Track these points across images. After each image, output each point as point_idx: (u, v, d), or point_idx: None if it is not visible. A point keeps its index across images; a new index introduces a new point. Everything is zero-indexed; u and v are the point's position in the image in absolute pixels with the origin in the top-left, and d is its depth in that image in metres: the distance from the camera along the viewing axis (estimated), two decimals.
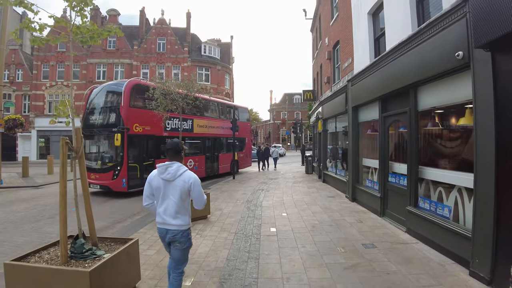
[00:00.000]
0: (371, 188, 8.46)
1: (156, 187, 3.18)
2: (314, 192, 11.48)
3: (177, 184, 3.12)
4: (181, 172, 3.16)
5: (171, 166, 3.17)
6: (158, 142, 12.52)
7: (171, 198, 3.13)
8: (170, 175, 3.13)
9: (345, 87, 10.40)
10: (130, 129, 11.14)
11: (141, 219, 8.01)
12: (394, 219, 7.05)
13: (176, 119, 13.00)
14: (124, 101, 11.20)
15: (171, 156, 3.27)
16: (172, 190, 3.13)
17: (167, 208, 3.14)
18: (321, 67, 15.52)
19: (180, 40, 36.07)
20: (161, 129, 12.49)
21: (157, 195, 3.20)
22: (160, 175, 3.16)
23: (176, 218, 3.14)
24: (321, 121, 14.35)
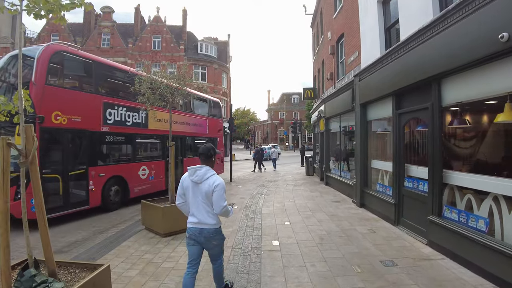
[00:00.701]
0: (383, 193, 7.66)
1: (186, 187, 3.37)
2: (318, 196, 10.66)
3: (202, 187, 3.26)
4: (208, 176, 3.28)
5: (200, 169, 3.31)
6: (94, 141, 8.61)
7: (200, 200, 3.28)
8: (197, 178, 3.28)
9: (351, 83, 9.60)
10: (45, 119, 7.22)
11: (127, 229, 7.18)
12: (411, 228, 6.25)
13: (121, 108, 9.39)
14: (37, 75, 7.19)
15: (203, 160, 3.41)
16: (199, 192, 3.28)
17: (199, 208, 3.29)
18: (322, 63, 14.74)
19: (176, 38, 35.22)
20: (97, 122, 8.66)
21: (187, 195, 3.38)
22: (190, 177, 3.33)
23: (209, 217, 3.29)
24: (323, 120, 13.55)
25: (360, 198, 8.74)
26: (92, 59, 8.86)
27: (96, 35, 34.90)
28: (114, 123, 9.20)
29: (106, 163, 9.21)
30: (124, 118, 9.58)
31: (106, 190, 9.00)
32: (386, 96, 7.28)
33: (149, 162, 10.85)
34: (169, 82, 7.36)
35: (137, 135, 10.22)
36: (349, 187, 10.08)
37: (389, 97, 7.19)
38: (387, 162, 7.70)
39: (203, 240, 3.33)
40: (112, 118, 9.13)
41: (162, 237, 6.27)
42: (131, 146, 10.08)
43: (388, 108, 7.27)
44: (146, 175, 10.54)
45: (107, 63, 9.74)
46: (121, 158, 9.89)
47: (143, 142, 10.86)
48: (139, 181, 10.23)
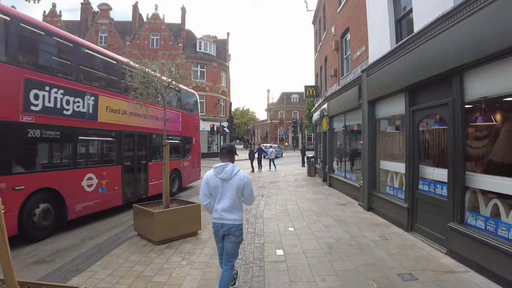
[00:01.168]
0: (393, 196, 7.14)
1: (214, 186, 3.45)
2: (322, 198, 10.14)
3: (233, 183, 3.42)
4: (236, 172, 3.46)
5: (226, 166, 3.45)
6: (6, 137, 5.76)
7: (228, 196, 3.41)
8: (226, 175, 3.41)
9: (357, 79, 9.08)
10: None
11: (119, 234, 6.66)
12: (427, 235, 5.73)
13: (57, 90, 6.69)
14: None
15: (226, 156, 3.57)
16: (229, 188, 3.41)
17: (224, 204, 3.41)
18: (325, 60, 14.21)
19: (175, 36, 34.71)
20: (13, 107, 5.87)
21: (215, 193, 3.47)
22: (218, 175, 3.44)
23: (232, 213, 3.43)
24: (326, 119, 13.03)
25: (368, 201, 8.23)
26: (11, 13, 5.93)
27: (93, 33, 34.35)
28: (43, 111, 6.40)
29: (28, 170, 6.20)
30: (61, 104, 6.81)
31: (28, 210, 6.08)
32: (397, 92, 6.76)
33: (98, 168, 7.94)
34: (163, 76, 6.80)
35: (81, 130, 7.45)
36: (355, 189, 9.57)
37: (401, 93, 6.68)
38: (398, 162, 7.19)
39: (224, 234, 3.46)
40: (39, 104, 6.31)
41: (155, 245, 5.73)
42: (71, 145, 7.29)
43: (400, 105, 6.75)
44: (93, 186, 7.70)
45: (38, 24, 6.74)
46: (55, 163, 7.04)
47: (90, 140, 8.00)
48: (82, 195, 7.39)
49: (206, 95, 34.39)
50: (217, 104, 34.40)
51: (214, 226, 3.53)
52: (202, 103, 34.40)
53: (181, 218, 6.22)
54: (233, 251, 3.50)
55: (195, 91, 34.30)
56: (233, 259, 3.54)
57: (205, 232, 6.51)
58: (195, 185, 13.44)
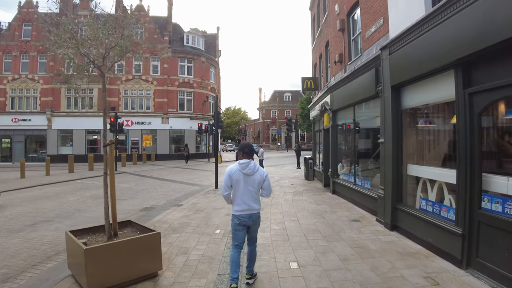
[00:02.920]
0: (434, 214, 5.19)
1: (236, 180, 3.87)
2: (327, 211, 8.17)
3: (255, 178, 3.89)
4: (257, 168, 3.95)
5: (250, 163, 3.90)
6: None
7: (250, 189, 3.87)
8: (250, 170, 3.87)
9: (374, 61, 7.16)
10: None
11: (47, 273, 4.58)
12: (497, 278, 3.80)
13: None
14: None
15: (247, 154, 3.99)
16: (251, 182, 3.88)
17: (248, 197, 3.86)
18: (326, 46, 12.27)
19: (160, 29, 32.43)
20: None
21: (236, 186, 3.87)
22: (242, 170, 3.87)
23: (256, 204, 3.92)
24: (328, 114, 11.09)
25: (392, 217, 6.28)
26: None
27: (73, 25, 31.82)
28: None
29: None
30: None
31: None
32: (442, 69, 4.83)
33: None
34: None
35: None
36: (369, 199, 7.64)
37: (446, 70, 4.75)
38: (436, 168, 5.28)
39: (251, 223, 3.93)
40: None
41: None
42: None
43: (445, 87, 4.83)
44: None
45: None
46: None
47: None
48: None
49: (194, 91, 32.22)
50: (206, 102, 32.26)
51: (240, 218, 3.86)
52: (190, 100, 32.28)
53: (131, 253, 4.16)
54: (256, 235, 4.13)
55: (182, 87, 32.51)
56: (256, 241, 4.12)
57: (169, 272, 4.47)
58: None
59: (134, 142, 30.68)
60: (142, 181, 15.86)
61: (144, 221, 7.59)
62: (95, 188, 13.58)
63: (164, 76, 31.03)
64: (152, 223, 7.31)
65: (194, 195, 11.03)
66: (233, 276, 3.81)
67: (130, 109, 30.82)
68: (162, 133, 30.85)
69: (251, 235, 4.05)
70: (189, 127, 31.18)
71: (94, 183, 15.41)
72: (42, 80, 30.42)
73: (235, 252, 3.91)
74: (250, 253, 4.06)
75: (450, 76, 4.68)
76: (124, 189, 13.13)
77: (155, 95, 30.95)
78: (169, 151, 31.07)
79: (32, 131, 30.52)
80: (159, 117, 30.69)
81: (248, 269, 4.07)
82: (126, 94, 30.88)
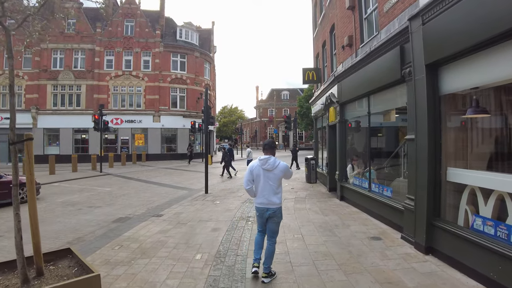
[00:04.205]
0: (498, 239, 3.71)
1: (257, 174, 4.11)
2: (338, 224, 6.67)
3: (275, 173, 4.06)
4: (277, 164, 4.08)
5: (269, 159, 4.09)
6: None
7: (271, 184, 4.05)
8: (269, 166, 4.05)
9: (398, 36, 5.68)
10: None
11: None
12: None
13: None
14: None
15: (267, 150, 4.20)
16: (271, 177, 4.06)
17: (268, 191, 4.04)
18: (331, 30, 10.77)
19: (152, 23, 30.82)
20: None
21: (257, 181, 4.12)
22: (262, 166, 4.08)
23: (274, 198, 4.06)
24: (334, 108, 9.60)
25: (427, 237, 4.80)
26: None
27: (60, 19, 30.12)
28: None
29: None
30: None
31: None
32: (507, 35, 3.34)
33: None
34: None
35: None
36: (391, 211, 6.15)
37: None
38: (495, 174, 3.80)
39: (270, 216, 4.08)
40: None
41: None
42: None
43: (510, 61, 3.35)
44: None
45: None
46: None
47: None
48: None
49: (187, 88, 30.60)
50: (200, 99, 30.67)
51: (259, 210, 4.15)
52: (183, 97, 30.71)
53: None
54: (275, 229, 4.17)
55: (175, 84, 30.84)
56: (275, 235, 4.18)
57: None
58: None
59: (124, 142, 29.04)
60: (126, 184, 14.30)
61: (111, 237, 6.11)
62: (70, 192, 12.03)
63: (156, 71, 29.43)
64: (119, 241, 5.80)
65: (180, 202, 9.50)
66: (256, 256, 4.10)
67: (120, 107, 29.20)
68: (153, 132, 29.23)
69: (270, 228, 4.15)
70: (182, 125, 29.55)
71: (71, 186, 13.85)
72: (27, 76, 28.73)
73: (259, 235, 4.25)
74: (267, 248, 4.09)
75: None
76: (103, 194, 11.60)
77: (146, 92, 29.34)
78: (160, 151, 29.45)
79: (16, 130, 28.56)
80: (150, 115, 29.07)
81: (264, 265, 4.02)
82: (116, 91, 29.26)
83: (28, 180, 3.13)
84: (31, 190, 3.15)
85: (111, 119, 27.91)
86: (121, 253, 5.23)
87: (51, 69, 29.00)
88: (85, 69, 29.16)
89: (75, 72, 28.97)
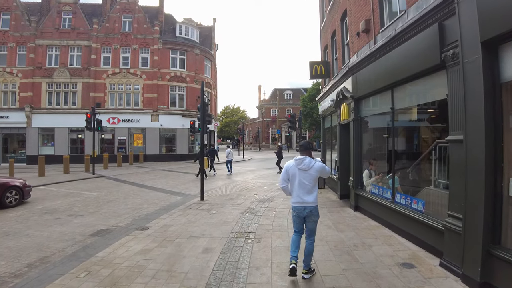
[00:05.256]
0: None
1: (292, 174, 4.24)
2: (356, 243, 5.49)
3: (311, 173, 4.16)
4: (312, 164, 4.19)
5: (305, 159, 4.19)
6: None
7: (306, 183, 4.15)
8: (305, 166, 4.16)
9: (435, 12, 4.51)
10: None
11: None
12: None
13: None
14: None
15: (303, 151, 4.31)
16: (307, 176, 4.16)
17: (303, 190, 4.15)
18: (343, 17, 9.58)
19: (151, 19, 29.74)
20: None
21: (293, 180, 4.25)
22: (298, 166, 4.20)
23: (310, 197, 4.15)
24: (347, 104, 8.42)
25: (482, 270, 3.62)
26: None
27: (55, 14, 29.11)
28: None
29: None
30: None
31: None
32: None
33: None
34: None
35: None
36: (425, 229, 4.97)
37: None
38: None
39: (306, 215, 4.17)
40: None
41: None
42: None
43: None
44: None
45: None
46: None
47: None
48: None
49: (186, 86, 29.45)
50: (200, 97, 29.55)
51: (296, 209, 4.23)
52: (182, 96, 29.59)
53: None
54: (313, 228, 4.26)
55: (174, 82, 29.64)
56: (313, 234, 4.28)
57: None
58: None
59: (121, 142, 27.93)
60: (117, 188, 13.17)
61: (81, 259, 5.02)
62: (54, 197, 10.92)
63: (154, 69, 28.32)
64: (89, 265, 4.70)
65: (171, 211, 8.35)
66: (293, 255, 4.17)
67: (117, 106, 28.10)
68: (151, 132, 28.09)
69: (308, 227, 4.25)
70: (181, 125, 28.39)
71: (58, 190, 12.74)
72: (21, 74, 27.72)
73: (296, 235, 4.31)
74: (307, 248, 4.20)
75: None
76: (89, 200, 10.48)
77: (144, 90, 28.22)
78: (159, 152, 28.30)
79: (10, 129, 27.81)
80: (148, 114, 27.94)
81: (304, 263, 4.19)
82: (113, 89, 28.17)
83: None
84: None
85: (108, 118, 26.86)
86: (86, 283, 4.10)
87: (46, 66, 27.98)
88: (81, 66, 28.11)
89: (71, 69, 27.92)
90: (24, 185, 10.12)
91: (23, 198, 9.99)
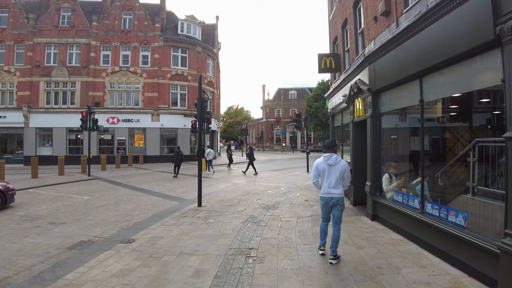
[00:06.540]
0: None
1: (322, 170, 4.80)
2: (380, 264, 4.52)
3: (337, 168, 4.72)
4: (338, 160, 4.76)
5: (332, 156, 4.76)
6: None
7: (333, 177, 4.70)
8: (332, 161, 4.73)
9: None
10: None
11: None
12: None
13: None
14: None
15: (328, 149, 4.88)
16: (334, 171, 4.71)
17: (330, 183, 4.70)
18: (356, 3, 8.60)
19: (152, 16, 28.95)
20: None
21: (323, 175, 4.79)
22: (326, 162, 4.76)
23: (337, 188, 4.70)
24: (363, 99, 7.44)
25: None
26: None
27: (54, 12, 28.44)
28: None
29: None
30: None
31: None
32: None
33: None
34: None
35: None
36: (469, 249, 3.98)
37: None
38: None
39: (333, 205, 4.73)
40: None
41: None
42: None
43: None
44: None
45: None
46: None
47: None
48: None
49: (188, 85, 28.57)
50: None
51: (323, 199, 4.79)
52: (184, 95, 28.73)
53: None
54: (339, 216, 4.78)
55: (175, 80, 28.68)
56: (339, 222, 4.78)
57: None
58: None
59: (121, 142, 27.12)
60: (110, 191, 12.30)
61: (45, 282, 4.13)
62: (41, 202, 10.07)
63: (155, 67, 27.49)
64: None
65: (163, 219, 7.43)
66: (321, 242, 4.94)
67: (117, 105, 27.31)
68: (151, 132, 27.25)
69: (335, 215, 4.78)
70: (183, 125, 27.50)
71: (48, 193, 11.90)
72: (19, 72, 27.07)
73: (323, 224, 4.94)
74: (333, 235, 4.69)
75: None
76: (77, 205, 9.61)
77: (145, 89, 27.39)
78: (160, 152, 27.43)
79: (7, 129, 27.18)
80: (148, 114, 27.09)
81: (331, 249, 4.62)
82: (112, 88, 27.40)
83: None
84: None
85: (107, 118, 26.13)
86: None
87: (44, 64, 27.32)
88: (80, 65, 27.40)
89: (70, 68, 27.21)
90: (6, 189, 9.28)
91: (5, 202, 9.16)
